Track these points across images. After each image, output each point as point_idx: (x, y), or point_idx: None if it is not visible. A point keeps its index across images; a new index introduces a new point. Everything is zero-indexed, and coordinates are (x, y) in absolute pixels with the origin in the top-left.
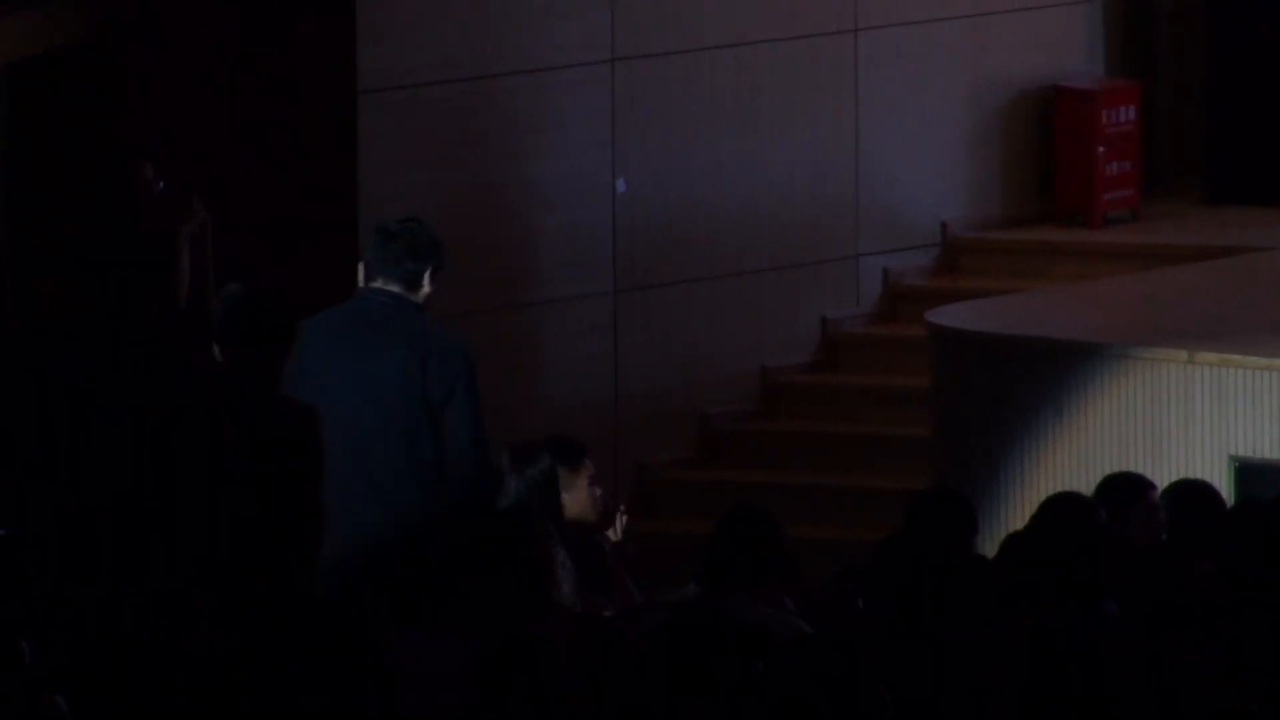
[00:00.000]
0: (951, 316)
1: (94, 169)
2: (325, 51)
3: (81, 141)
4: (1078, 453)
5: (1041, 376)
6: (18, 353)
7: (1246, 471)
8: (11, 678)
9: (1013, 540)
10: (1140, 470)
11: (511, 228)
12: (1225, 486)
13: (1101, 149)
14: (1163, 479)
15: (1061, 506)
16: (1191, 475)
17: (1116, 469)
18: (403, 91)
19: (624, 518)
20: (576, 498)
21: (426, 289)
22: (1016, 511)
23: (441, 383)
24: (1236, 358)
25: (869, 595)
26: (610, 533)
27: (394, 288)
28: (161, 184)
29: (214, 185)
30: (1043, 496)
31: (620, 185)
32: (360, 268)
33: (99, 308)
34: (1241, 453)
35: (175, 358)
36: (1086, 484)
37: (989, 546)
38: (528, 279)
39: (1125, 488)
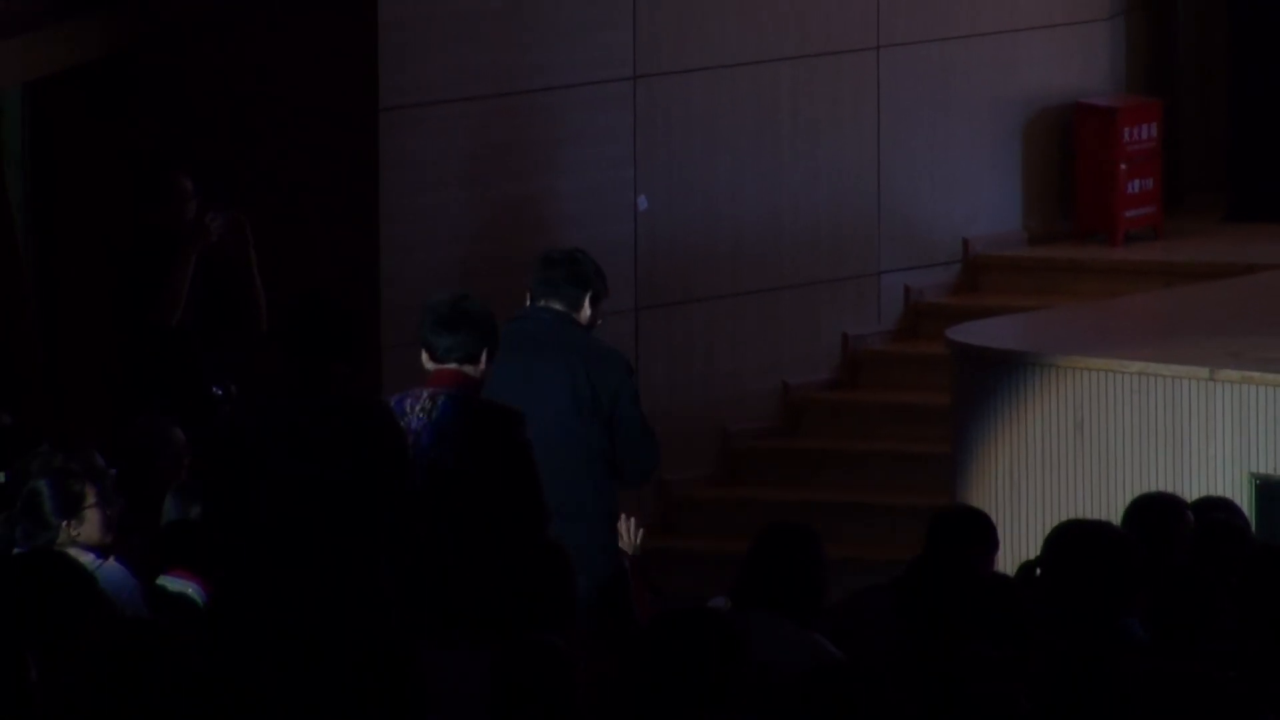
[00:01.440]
0: (973, 334)
1: (131, 180)
2: (347, 69)
3: (105, 158)
4: (1099, 470)
5: (1062, 394)
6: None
7: (1267, 489)
8: (18, 699)
9: (1029, 566)
10: (1161, 488)
11: (533, 245)
12: (1246, 504)
13: (1123, 166)
14: (1184, 496)
15: (1075, 531)
16: (1213, 493)
17: (1137, 487)
18: (424, 109)
19: (639, 531)
20: None
21: (587, 313)
22: (1037, 529)
23: (606, 388)
24: (1257, 375)
25: (896, 613)
26: (625, 546)
27: (556, 305)
28: (195, 199)
29: (234, 202)
30: (1064, 514)
31: (642, 202)
32: (528, 296)
33: (292, 365)
34: (1262, 470)
35: (361, 409)
36: (1107, 501)
37: (1010, 564)
38: None
39: (1162, 509)
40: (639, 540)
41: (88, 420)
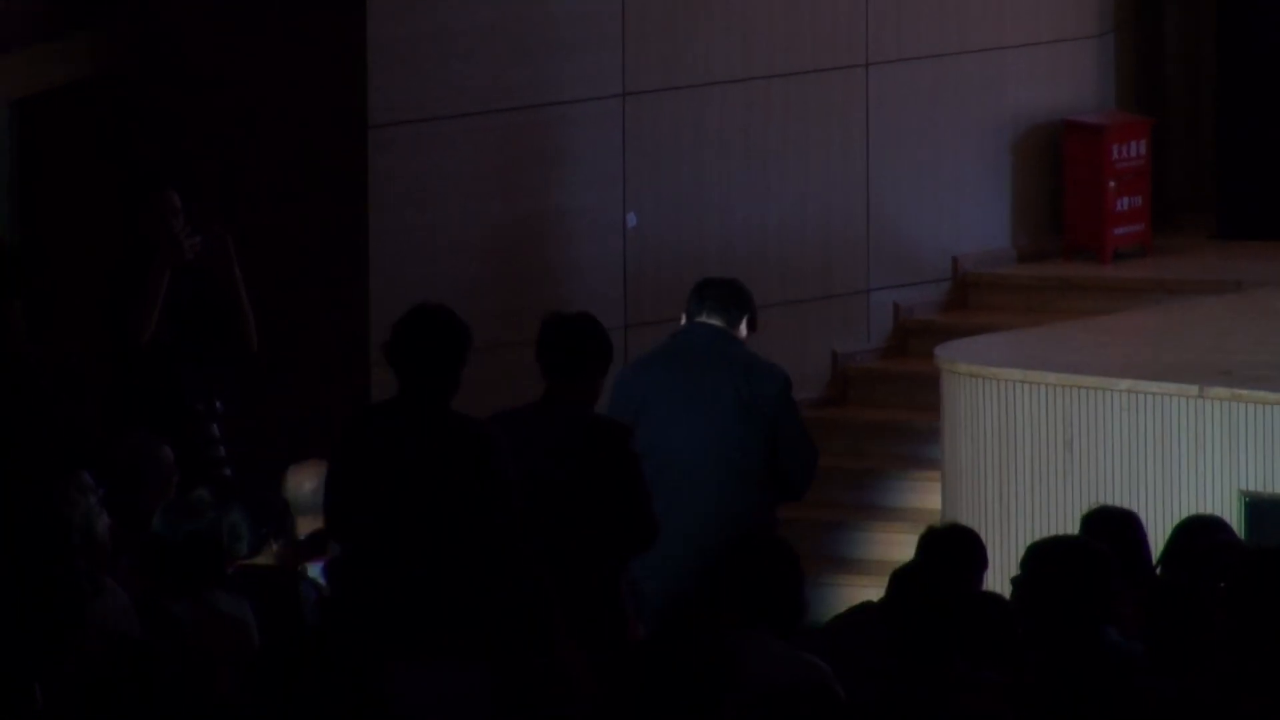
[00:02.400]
0: (962, 352)
1: (119, 196)
2: (336, 86)
3: (93, 176)
4: (1088, 489)
5: (1052, 412)
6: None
7: (1257, 507)
8: None
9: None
10: (1151, 505)
11: (522, 262)
12: (1236, 522)
13: (1111, 184)
14: (1173, 514)
15: (1048, 547)
16: (1202, 510)
17: (1127, 504)
18: (413, 126)
19: None
20: None
21: (743, 334)
22: (1026, 547)
23: (766, 399)
24: (1247, 393)
25: (882, 631)
26: None
27: (715, 321)
28: (181, 215)
29: (224, 220)
30: (1054, 532)
31: (631, 220)
32: (684, 316)
33: (410, 386)
34: (1252, 488)
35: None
36: None
37: (999, 582)
38: (538, 314)
39: (1119, 522)
40: None
41: (76, 438)
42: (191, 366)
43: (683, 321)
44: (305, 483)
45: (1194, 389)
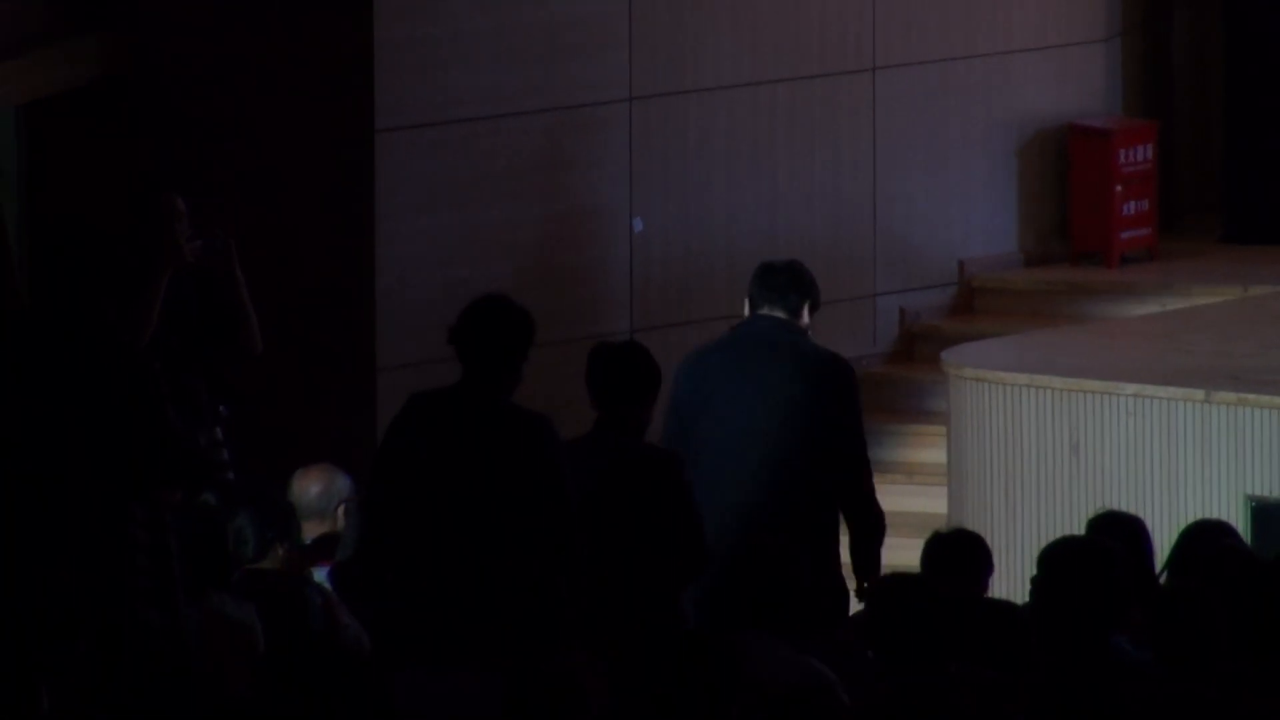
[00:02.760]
0: (968, 356)
1: (124, 200)
2: (342, 90)
3: (99, 179)
4: (1094, 493)
5: (1058, 417)
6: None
7: (1263, 511)
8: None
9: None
10: (1157, 510)
11: (528, 267)
12: (1242, 526)
13: (1118, 188)
14: (1179, 519)
15: (1062, 548)
16: (1208, 515)
17: (1133, 509)
18: (419, 130)
19: None
20: None
21: (805, 321)
22: (1033, 551)
23: (830, 394)
24: (1253, 397)
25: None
26: None
27: (778, 313)
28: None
29: (230, 223)
30: (1059, 536)
31: (637, 224)
32: (746, 301)
33: (471, 374)
34: (1258, 492)
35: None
36: None
37: (1004, 586)
38: (544, 318)
39: (1124, 527)
40: None
41: None
42: (195, 369)
43: (745, 310)
44: (311, 487)
45: (1200, 394)
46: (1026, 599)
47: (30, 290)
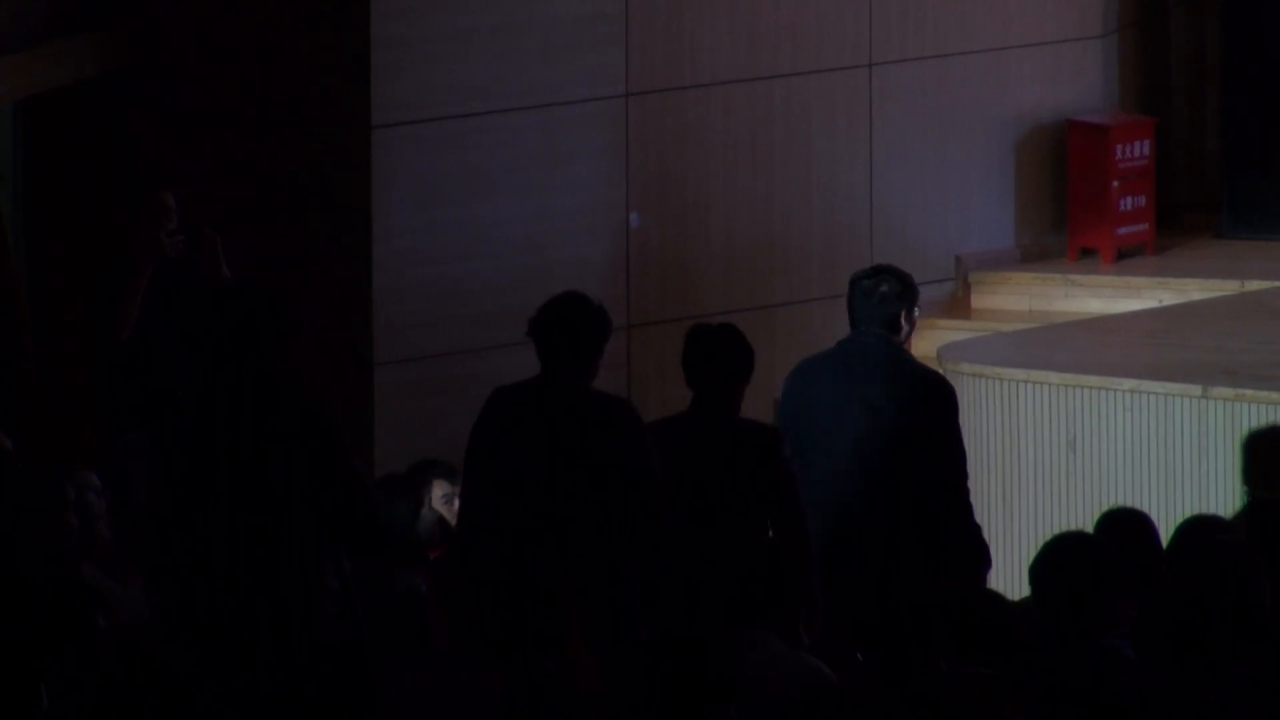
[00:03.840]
0: (965, 351)
1: (115, 196)
2: (339, 86)
3: (96, 175)
4: (1091, 488)
5: (1054, 411)
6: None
7: (1259, 507)
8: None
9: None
10: (1154, 505)
11: (523, 263)
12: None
13: (1115, 184)
14: (1176, 514)
15: (1057, 545)
16: (1205, 511)
17: (1130, 504)
18: (416, 126)
19: None
20: None
21: (905, 327)
22: (1029, 547)
23: (926, 410)
24: (1250, 393)
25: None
26: None
27: (878, 330)
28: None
29: (227, 219)
30: (1056, 531)
31: (634, 220)
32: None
33: (549, 368)
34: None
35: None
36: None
37: (1001, 582)
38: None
39: (1132, 524)
40: None
41: (83, 440)
42: (185, 365)
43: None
44: None
45: (1197, 389)
46: (1024, 594)
47: (29, 289)
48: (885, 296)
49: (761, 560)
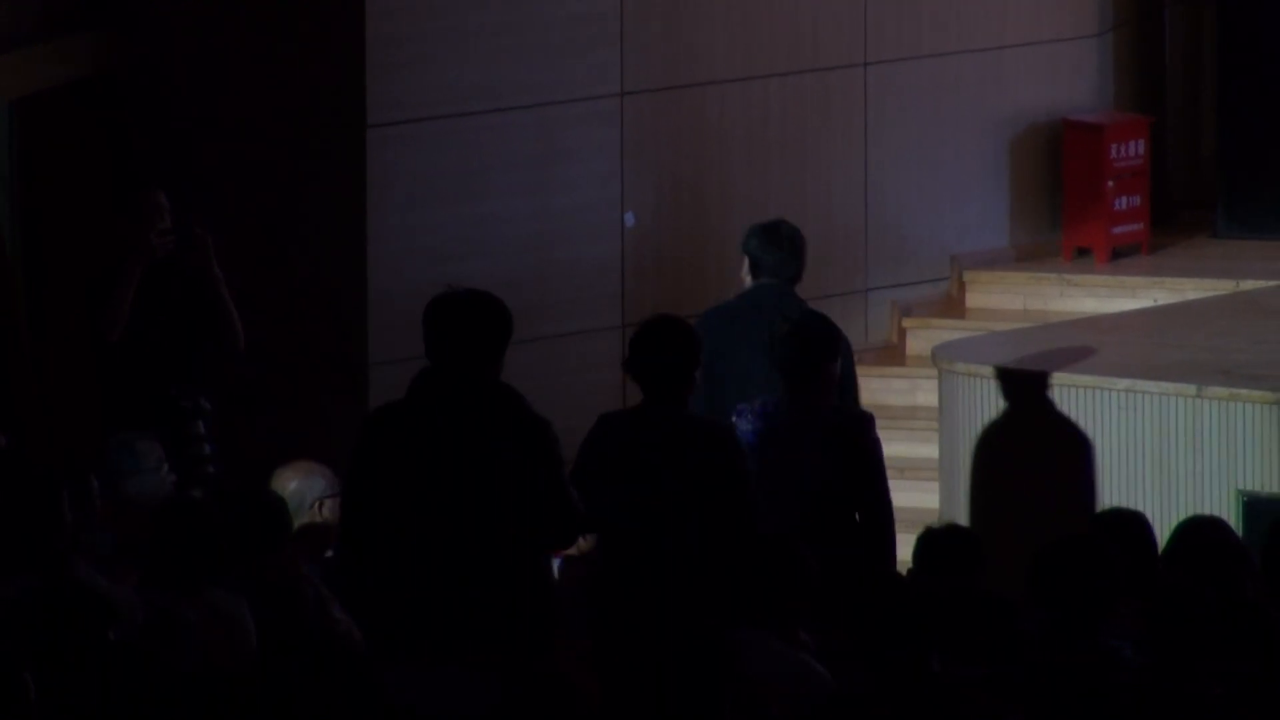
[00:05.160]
0: (960, 351)
1: (111, 195)
2: (334, 85)
3: (91, 174)
4: (1086, 487)
5: (1049, 411)
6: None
7: (1255, 506)
8: (16, 714)
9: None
10: (1149, 505)
11: (520, 262)
12: (1234, 521)
13: (1110, 183)
14: (1171, 514)
15: (1055, 546)
16: (1200, 510)
17: (1126, 504)
18: (411, 125)
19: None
20: None
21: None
22: (1024, 546)
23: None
24: (1245, 392)
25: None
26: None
27: (776, 281)
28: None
29: (222, 219)
30: (1051, 530)
31: (629, 219)
32: (745, 263)
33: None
34: (1250, 487)
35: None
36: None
37: (996, 581)
38: (536, 313)
39: (1127, 523)
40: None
41: (80, 439)
42: (178, 364)
43: (745, 273)
44: (288, 484)
45: (1192, 388)
46: (1019, 594)
47: (27, 291)
48: (792, 253)
49: (764, 558)
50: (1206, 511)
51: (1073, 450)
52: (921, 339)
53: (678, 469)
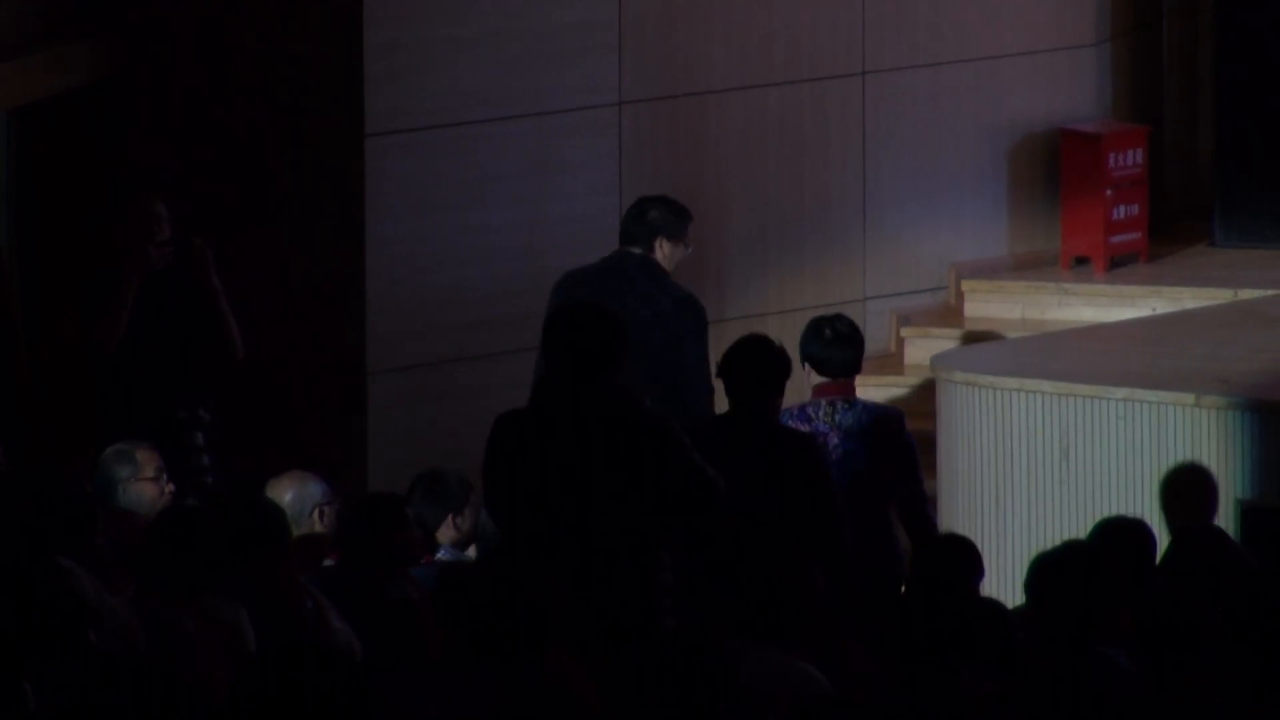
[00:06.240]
0: (958, 360)
1: (109, 204)
2: (333, 94)
3: (90, 183)
4: (1084, 497)
5: (1048, 420)
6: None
7: (1253, 515)
8: (78, 667)
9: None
10: (1148, 514)
11: (518, 271)
12: (1232, 531)
13: (1108, 192)
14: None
15: (1052, 556)
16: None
17: (1124, 513)
18: (409, 134)
19: None
20: None
21: (662, 251)
22: (1022, 556)
23: (681, 326)
24: (1243, 401)
25: (882, 643)
26: None
27: (638, 250)
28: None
29: (221, 227)
30: (1050, 541)
31: None
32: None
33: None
34: (1248, 497)
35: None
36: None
37: (995, 591)
38: (534, 322)
39: (1130, 532)
40: None
41: (77, 449)
42: (176, 375)
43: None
44: (284, 495)
45: (1190, 398)
46: (1018, 604)
47: (22, 304)
48: (651, 225)
49: (765, 567)
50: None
51: (1070, 459)
52: (920, 348)
53: (770, 477)
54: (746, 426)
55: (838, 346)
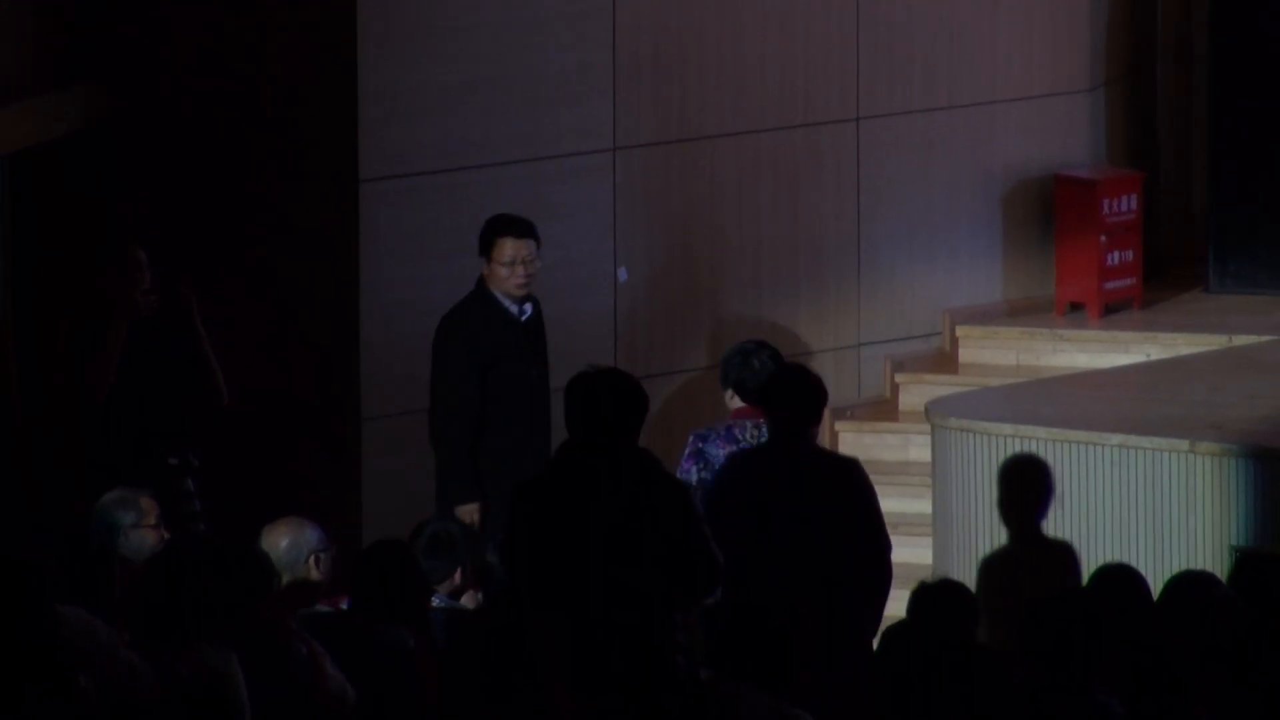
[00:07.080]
0: (953, 406)
1: (91, 253)
2: (327, 139)
3: (85, 231)
4: (1079, 543)
5: (1042, 466)
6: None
7: (1247, 562)
8: (68, 711)
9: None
10: (1141, 560)
11: None
12: (1226, 577)
13: (1102, 238)
14: (1164, 569)
15: (1046, 603)
16: (1193, 566)
17: (1118, 559)
18: (404, 180)
19: None
20: None
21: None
22: (1017, 601)
23: None
24: (1237, 448)
25: (875, 687)
26: None
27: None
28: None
29: (215, 273)
30: (1044, 585)
31: (622, 274)
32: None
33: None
34: (1243, 543)
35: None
36: (1088, 574)
37: (990, 637)
38: None
39: (1123, 580)
40: None
41: (74, 495)
42: (165, 421)
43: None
44: (280, 541)
45: (1185, 444)
46: (1012, 649)
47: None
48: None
49: (757, 614)
50: (1199, 567)
51: (1065, 505)
52: (914, 394)
53: (813, 504)
54: (793, 451)
55: (765, 376)
